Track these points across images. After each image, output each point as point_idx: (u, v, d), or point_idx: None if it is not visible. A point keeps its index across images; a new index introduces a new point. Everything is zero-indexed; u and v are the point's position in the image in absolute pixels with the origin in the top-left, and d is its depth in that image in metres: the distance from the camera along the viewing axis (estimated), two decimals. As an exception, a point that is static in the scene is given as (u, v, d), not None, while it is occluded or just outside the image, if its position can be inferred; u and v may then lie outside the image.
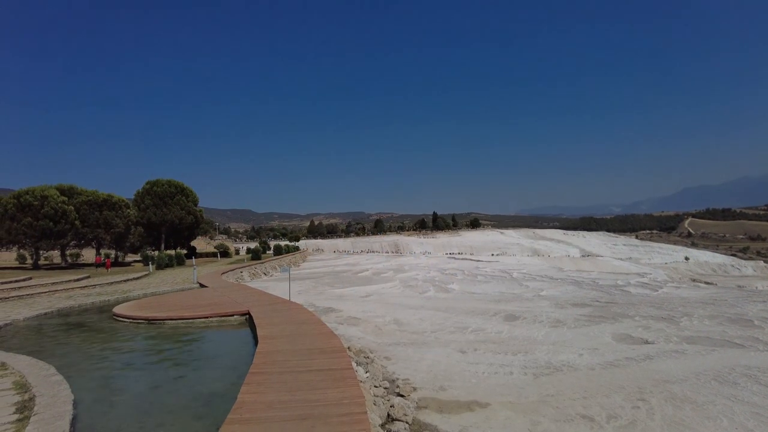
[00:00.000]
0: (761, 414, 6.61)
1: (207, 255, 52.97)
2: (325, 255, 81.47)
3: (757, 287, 44.50)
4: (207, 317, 12.31)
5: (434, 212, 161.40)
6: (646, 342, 11.64)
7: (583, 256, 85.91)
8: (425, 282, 30.65)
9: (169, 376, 7.86)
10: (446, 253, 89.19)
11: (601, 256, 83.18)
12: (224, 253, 55.34)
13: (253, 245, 63.76)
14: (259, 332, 9.18)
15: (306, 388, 5.55)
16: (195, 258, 40.23)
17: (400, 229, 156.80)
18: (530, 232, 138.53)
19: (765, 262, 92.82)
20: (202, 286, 21.49)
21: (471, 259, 68.32)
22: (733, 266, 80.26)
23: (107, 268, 32.10)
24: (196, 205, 49.66)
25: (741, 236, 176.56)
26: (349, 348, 9.41)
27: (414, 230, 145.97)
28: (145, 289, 20.75)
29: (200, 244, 63.29)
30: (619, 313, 16.16)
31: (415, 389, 7.65)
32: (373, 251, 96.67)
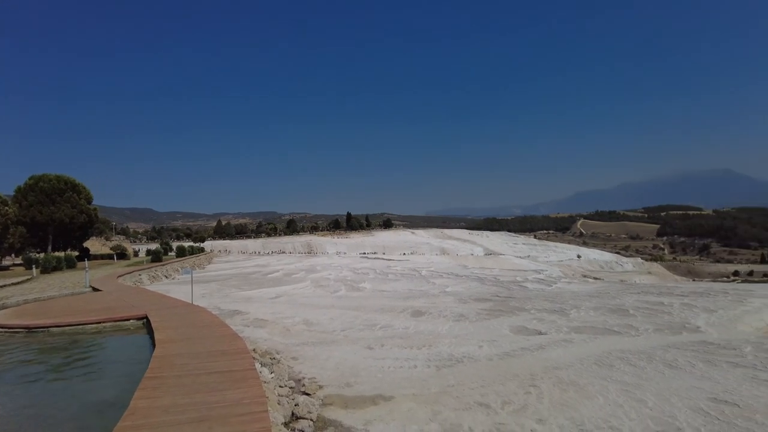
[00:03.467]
0: (630, 391, 7.44)
1: (102, 257, 48.86)
2: (233, 256, 78.53)
3: (635, 281, 49.71)
4: (99, 322, 11.40)
5: (348, 212, 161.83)
6: (540, 333, 12.58)
7: (486, 254, 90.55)
8: (337, 281, 30.69)
9: (52, 389, 7.19)
10: (359, 253, 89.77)
11: (503, 255, 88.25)
12: (122, 254, 51.44)
13: (153, 246, 59.85)
14: (157, 336, 8.70)
15: (205, 391, 5.36)
16: (88, 260, 37.02)
17: (314, 229, 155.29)
18: (439, 231, 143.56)
19: (642, 258, 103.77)
20: (95, 290, 19.84)
21: (383, 259, 69.40)
22: (616, 263, 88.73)
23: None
24: (89, 203, 45.62)
25: (624, 236, 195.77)
26: (254, 350, 9.21)
27: (328, 230, 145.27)
28: (26, 295, 18.71)
29: (94, 245, 58.23)
30: (516, 307, 17.29)
31: (321, 387, 7.67)
32: (284, 252, 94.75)
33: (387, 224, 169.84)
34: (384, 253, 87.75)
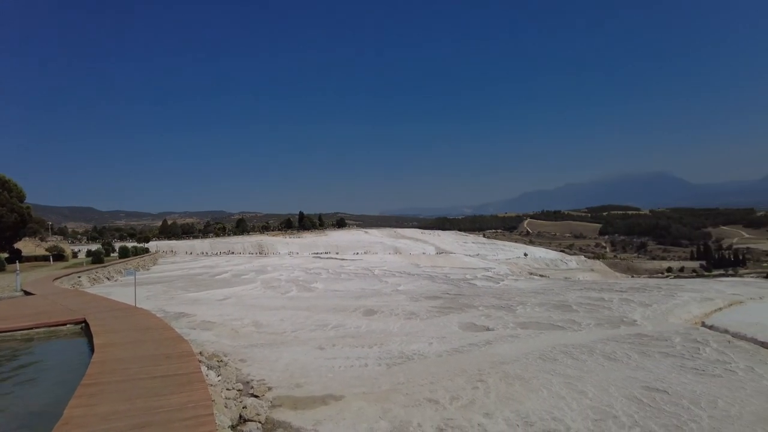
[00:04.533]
0: (572, 383, 7.76)
1: (36, 258, 45.95)
2: (179, 257, 75.94)
3: (578, 278, 51.89)
4: (31, 328, 10.72)
5: (301, 212, 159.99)
6: (488, 329, 12.90)
7: (438, 253, 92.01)
8: (288, 282, 30.28)
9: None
10: (312, 253, 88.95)
11: (454, 253, 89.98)
12: (59, 256, 48.61)
13: (95, 247, 56.91)
14: (96, 341, 8.28)
15: (147, 396, 5.16)
16: (20, 262, 34.76)
17: (265, 228, 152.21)
18: (392, 231, 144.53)
19: (585, 256, 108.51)
20: (27, 293, 18.68)
21: (336, 258, 69.09)
22: (561, 261, 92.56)
23: None
24: (22, 201, 42.84)
25: (568, 235, 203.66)
26: (200, 353, 8.96)
27: (279, 230, 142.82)
28: (-53, 301, 17.39)
29: (28, 246, 54.65)
30: (465, 304, 17.65)
31: (270, 389, 7.56)
32: (234, 253, 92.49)
33: (340, 224, 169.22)
34: (337, 253, 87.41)
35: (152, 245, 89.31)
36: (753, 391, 7.23)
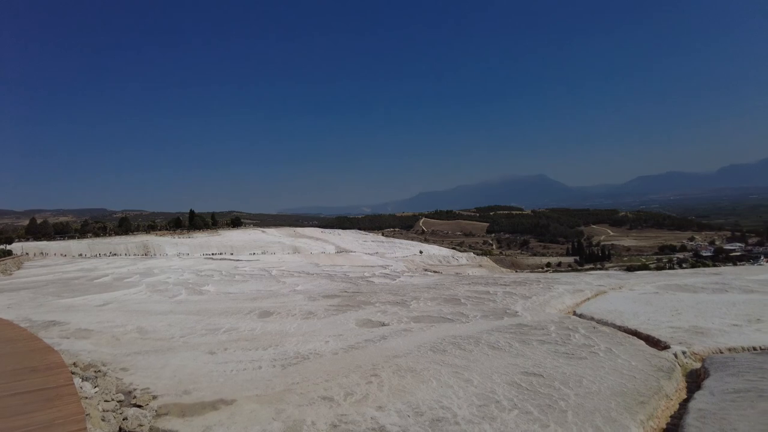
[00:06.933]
0: (459, 372, 8.23)
1: None
2: (51, 260, 68.18)
3: (468, 273, 54.92)
4: None
5: (191, 210, 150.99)
6: (383, 324, 13.22)
7: (338, 252, 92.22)
8: (177, 285, 28.56)
9: None
10: (204, 254, 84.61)
11: (353, 252, 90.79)
12: None
13: (-60, 250, 49.19)
14: (-59, 358, 7.22)
15: (7, 415, 4.60)
16: None
17: (151, 228, 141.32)
18: (291, 230, 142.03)
19: (474, 253, 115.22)
20: None
21: (230, 259, 66.37)
22: (453, 257, 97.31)
23: None
24: None
25: (459, 233, 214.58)
26: (74, 363, 8.17)
27: (168, 230, 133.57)
28: None
29: None
30: (363, 301, 17.92)
31: (155, 397, 7.11)
32: (116, 254, 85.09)
33: (236, 223, 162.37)
34: (232, 254, 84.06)
35: (16, 247, 79.19)
36: (610, 369, 8.20)
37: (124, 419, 5.77)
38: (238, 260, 63.22)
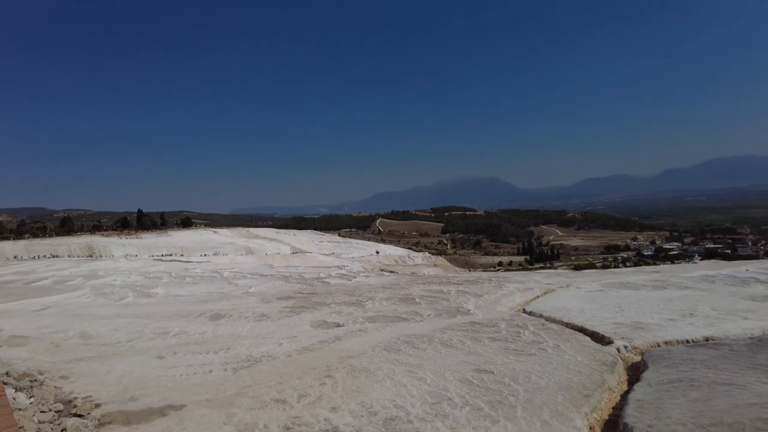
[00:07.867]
0: (413, 371, 8.32)
1: None
2: (-18, 262, 63.89)
3: (423, 273, 55.54)
4: None
5: (139, 210, 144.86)
6: (338, 325, 13.18)
7: (293, 252, 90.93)
8: (124, 287, 27.41)
9: None
10: (152, 256, 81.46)
11: (309, 252, 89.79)
12: None
13: None
14: None
15: (-72, 430, 4.30)
16: None
17: (96, 228, 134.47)
18: (245, 231, 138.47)
19: (429, 253, 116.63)
20: None
21: (180, 261, 64.18)
22: (408, 257, 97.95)
23: None
24: None
25: (415, 233, 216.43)
26: (7, 373, 7.73)
27: (114, 230, 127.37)
28: None
29: None
30: (318, 302, 17.80)
31: (98, 406, 6.82)
32: (58, 256, 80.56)
33: (186, 223, 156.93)
34: (182, 255, 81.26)
35: (-58, 249, 73.57)
36: (558, 364, 8.50)
37: (62, 430, 5.49)
38: (188, 262, 61.25)
